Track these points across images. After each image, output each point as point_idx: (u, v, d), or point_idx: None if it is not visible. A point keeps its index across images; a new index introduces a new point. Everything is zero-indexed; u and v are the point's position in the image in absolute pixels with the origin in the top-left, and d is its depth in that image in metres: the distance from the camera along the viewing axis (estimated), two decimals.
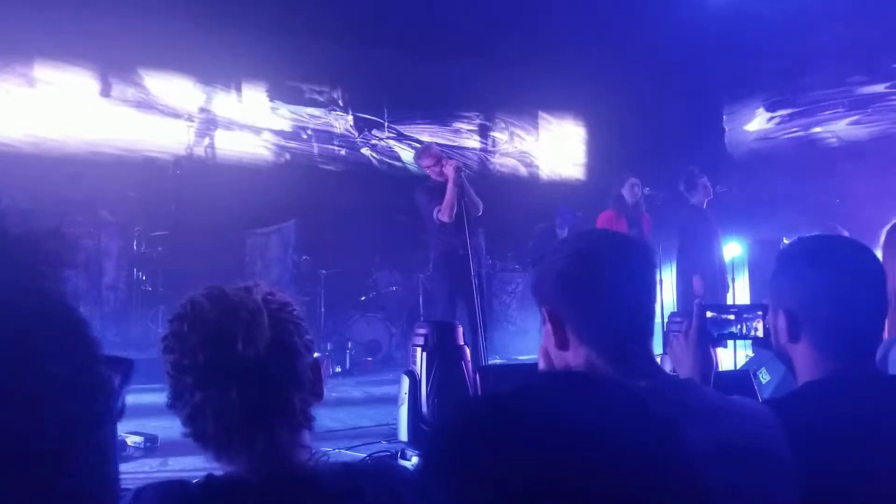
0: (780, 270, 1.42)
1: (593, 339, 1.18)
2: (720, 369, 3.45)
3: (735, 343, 4.85)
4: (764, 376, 4.40)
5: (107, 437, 0.53)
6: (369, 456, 3.86)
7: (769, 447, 1.13)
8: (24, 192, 5.77)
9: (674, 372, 1.65)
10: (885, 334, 1.96)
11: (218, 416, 1.08)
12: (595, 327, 1.18)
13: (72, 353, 0.50)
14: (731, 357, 5.14)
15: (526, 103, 10.73)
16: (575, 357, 1.20)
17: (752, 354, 5.14)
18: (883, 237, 2.21)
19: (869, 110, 8.98)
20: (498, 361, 7.14)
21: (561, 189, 10.40)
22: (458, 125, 10.48)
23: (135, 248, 7.37)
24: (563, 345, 1.21)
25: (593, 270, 1.19)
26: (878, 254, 1.86)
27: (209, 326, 1.08)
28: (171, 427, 3.81)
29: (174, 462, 3.88)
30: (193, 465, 3.72)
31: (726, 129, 10.73)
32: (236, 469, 1.10)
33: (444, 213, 5.40)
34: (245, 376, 1.08)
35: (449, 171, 5.39)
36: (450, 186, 5.36)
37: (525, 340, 8.04)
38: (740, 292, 6.61)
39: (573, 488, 0.56)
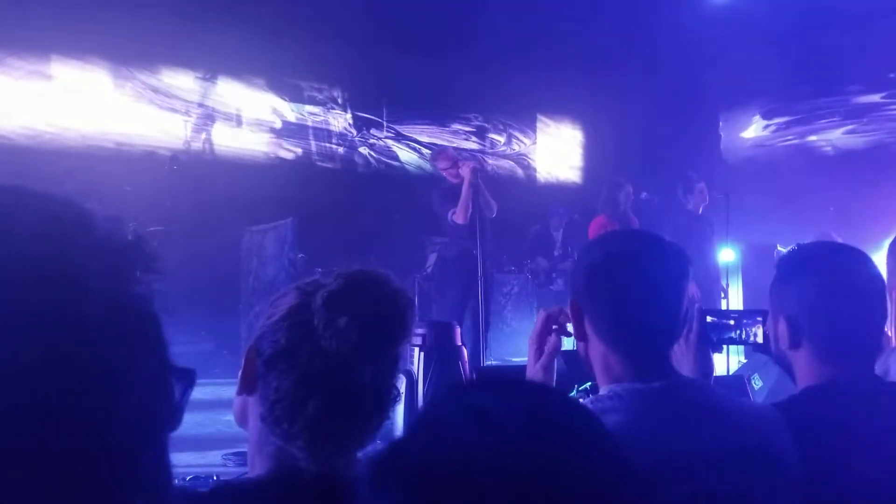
0: (782, 277, 1.45)
1: (610, 336, 1.21)
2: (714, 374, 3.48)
3: (728, 349, 4.90)
4: (756, 382, 4.45)
5: (167, 443, 0.56)
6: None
7: (777, 449, 1.16)
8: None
9: None
10: (893, 342, 1.99)
11: (299, 408, 1.07)
12: (613, 326, 1.21)
13: (150, 359, 0.51)
14: (724, 362, 5.17)
15: (524, 106, 10.72)
16: (593, 351, 1.23)
17: (744, 360, 5.18)
18: (887, 249, 2.24)
19: (865, 120, 9.02)
20: (492, 363, 7.14)
21: (557, 192, 10.41)
22: (456, 126, 10.48)
23: None
24: (580, 336, 1.24)
25: (623, 270, 1.21)
26: (880, 264, 1.88)
27: (365, 325, 1.03)
28: None
29: (172, 458, 3.86)
30: (187, 462, 3.73)
31: (722, 136, 10.76)
32: (292, 459, 1.08)
33: (458, 215, 5.41)
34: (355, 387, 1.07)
35: (465, 172, 5.40)
36: (465, 188, 5.36)
37: (519, 342, 8.03)
38: (734, 298, 6.64)
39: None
